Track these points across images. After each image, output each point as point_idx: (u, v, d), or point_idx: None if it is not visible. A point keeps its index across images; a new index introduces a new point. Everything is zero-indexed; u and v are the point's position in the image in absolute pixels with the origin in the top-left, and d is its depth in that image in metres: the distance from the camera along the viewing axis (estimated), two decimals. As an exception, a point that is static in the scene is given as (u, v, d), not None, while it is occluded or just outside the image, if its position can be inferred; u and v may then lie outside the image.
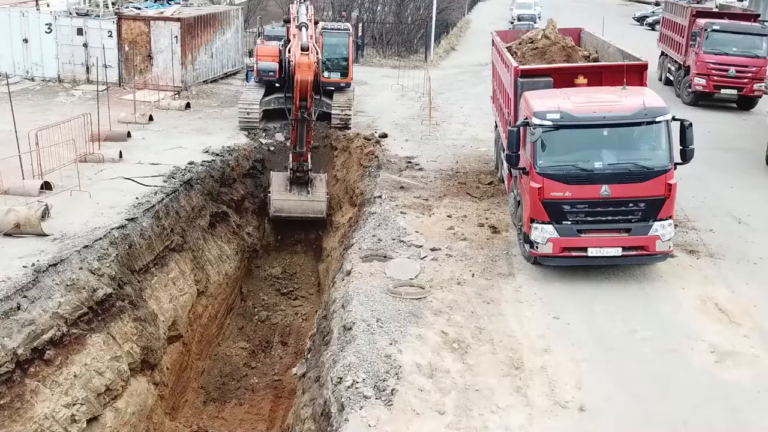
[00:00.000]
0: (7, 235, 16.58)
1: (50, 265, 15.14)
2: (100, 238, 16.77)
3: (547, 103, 15.57)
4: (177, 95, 32.22)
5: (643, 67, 17.59)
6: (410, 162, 24.39)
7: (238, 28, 37.60)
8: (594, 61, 21.28)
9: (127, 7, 34.31)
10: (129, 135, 25.52)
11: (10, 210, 16.68)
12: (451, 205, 20.39)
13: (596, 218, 15.28)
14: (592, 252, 15.37)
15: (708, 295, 15.13)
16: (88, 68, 33.37)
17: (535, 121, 15.19)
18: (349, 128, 27.56)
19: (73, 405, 14.53)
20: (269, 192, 24.56)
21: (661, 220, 15.23)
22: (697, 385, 12.26)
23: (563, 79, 17.52)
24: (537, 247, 15.59)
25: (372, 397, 11.43)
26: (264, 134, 27.19)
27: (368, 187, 22.70)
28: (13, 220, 16.49)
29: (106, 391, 15.61)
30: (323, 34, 27.92)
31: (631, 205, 15.14)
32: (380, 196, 21.00)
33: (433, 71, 43.12)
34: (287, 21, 25.96)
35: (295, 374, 16.99)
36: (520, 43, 22.26)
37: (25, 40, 33.48)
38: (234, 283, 23.52)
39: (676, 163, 15.40)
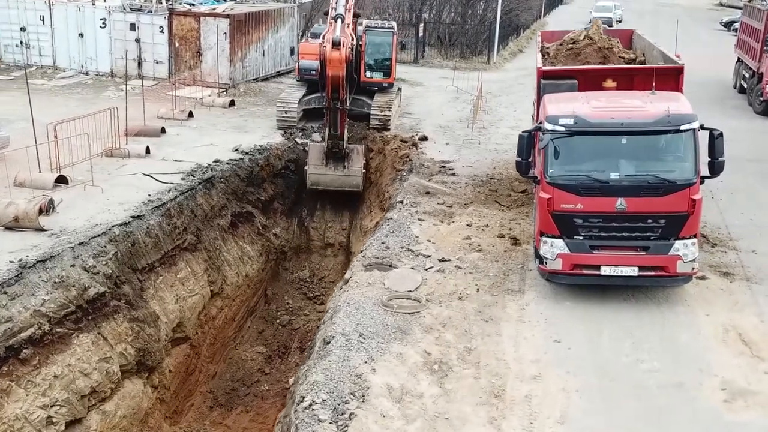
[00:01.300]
0: (8, 228, 16.34)
1: (38, 261, 14.77)
2: (98, 235, 16.35)
3: (562, 107, 14.35)
4: (224, 92, 31.96)
5: (679, 71, 16.13)
6: (444, 166, 23.32)
7: (293, 26, 37.14)
8: (640, 65, 19.85)
9: (180, 3, 34.25)
10: (163, 131, 25.27)
11: (10, 203, 16.46)
12: (475, 213, 19.27)
13: (611, 234, 13.96)
14: (605, 270, 14.06)
15: (733, 324, 13.64)
16: (139, 63, 33.51)
17: (547, 126, 14.00)
18: (389, 130, 26.65)
19: (51, 406, 14.07)
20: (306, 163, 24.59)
21: (683, 238, 13.80)
22: (698, 426, 10.89)
23: (590, 81, 16.25)
24: (546, 263, 14.38)
25: (327, 421, 10.52)
26: (301, 134, 26.51)
27: (396, 191, 21.77)
28: (12, 214, 16.24)
29: (91, 393, 15.14)
30: (367, 33, 27.08)
31: (649, 221, 13.76)
32: (401, 201, 20.05)
33: (494, 74, 41.94)
34: (327, 13, 25.21)
35: (292, 385, 16.21)
36: (561, 44, 20.98)
37: (81, 35, 33.87)
38: (257, 285, 22.92)
39: (703, 177, 13.96)
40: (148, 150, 22.66)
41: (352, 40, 25.10)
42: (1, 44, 35.13)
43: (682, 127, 13.52)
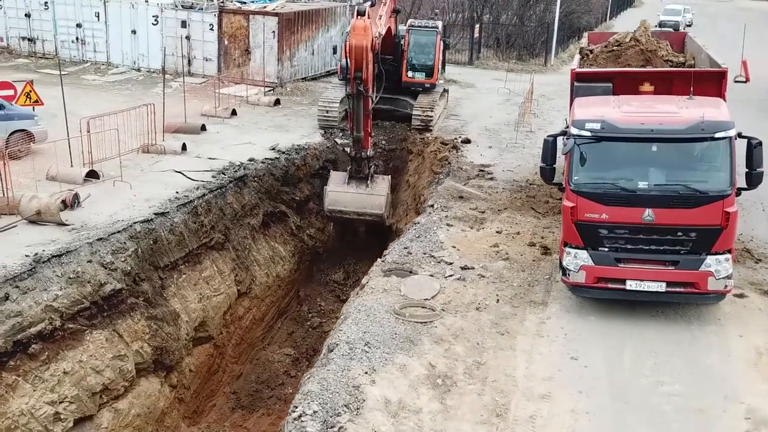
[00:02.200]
0: (32, 222, 16.37)
1: (53, 256, 14.71)
2: (118, 231, 16.25)
3: (591, 111, 13.61)
4: (271, 91, 31.85)
5: (721, 75, 15.20)
6: (483, 170, 22.65)
7: (344, 25, 36.77)
8: (689, 68, 18.88)
9: (231, 1, 34.32)
10: (203, 128, 25.24)
11: (33, 197, 16.48)
12: (507, 219, 18.59)
13: (638, 246, 13.15)
14: (631, 285, 13.25)
15: (768, 347, 12.71)
16: (189, 61, 33.67)
17: (573, 130, 13.28)
18: (431, 131, 26.08)
19: (60, 403, 14.01)
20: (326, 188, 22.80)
21: (716, 253, 12.90)
22: (714, 459, 10.09)
23: (627, 85, 15.45)
24: (569, 275, 13.65)
25: (314, 433, 10.07)
26: (341, 134, 26.15)
27: (431, 195, 21.22)
28: (35, 208, 16.25)
29: (104, 391, 15.04)
30: (410, 32, 26.58)
31: (679, 234, 12.91)
32: (432, 205, 19.50)
33: (550, 76, 40.90)
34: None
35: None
36: (605, 46, 20.11)
37: (134, 32, 34.24)
38: (288, 286, 22.66)
39: (740, 189, 13.05)
40: (184, 147, 22.62)
41: (391, 34, 24.58)
42: (59, 40, 35.72)
43: (717, 135, 12.64)
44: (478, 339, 12.89)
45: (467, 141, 25.92)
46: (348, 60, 19.60)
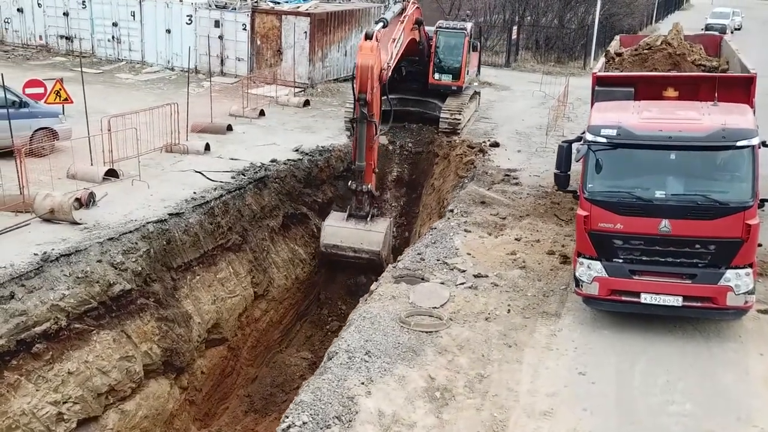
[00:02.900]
0: (46, 220, 16.38)
1: (62, 255, 14.66)
2: (130, 231, 16.16)
3: (609, 116, 13.09)
4: (302, 92, 31.71)
5: (749, 81, 14.53)
6: (509, 175, 22.16)
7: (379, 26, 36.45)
8: (715, 73, 18.21)
9: (264, 1, 34.26)
10: (230, 128, 25.17)
11: (47, 195, 16.48)
12: (528, 226, 18.11)
13: (653, 258, 12.61)
14: (645, 298, 12.71)
15: (789, 368, 12.07)
16: (222, 60, 33.71)
17: (588, 136, 12.79)
18: (458, 134, 25.65)
19: (63, 403, 13.94)
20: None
21: (736, 267, 12.30)
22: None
23: (650, 90, 14.85)
24: (582, 286, 13.15)
25: (301, 446, 9.77)
26: (367, 134, 25.82)
27: (453, 199, 20.81)
28: (49, 206, 16.25)
29: (110, 392, 14.97)
30: (438, 33, 26.17)
31: (697, 246, 12.33)
32: (452, 210, 19.10)
33: (588, 79, 40.02)
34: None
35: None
36: (635, 49, 19.46)
37: (168, 31, 34.40)
38: (308, 288, 22.43)
39: (763, 200, 12.45)
40: (207, 147, 22.55)
41: (414, 42, 24.12)
42: (95, 39, 36.08)
43: (738, 144, 12.04)
44: (484, 351, 12.48)
45: (496, 144, 25.44)
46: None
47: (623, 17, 45.94)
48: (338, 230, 20.81)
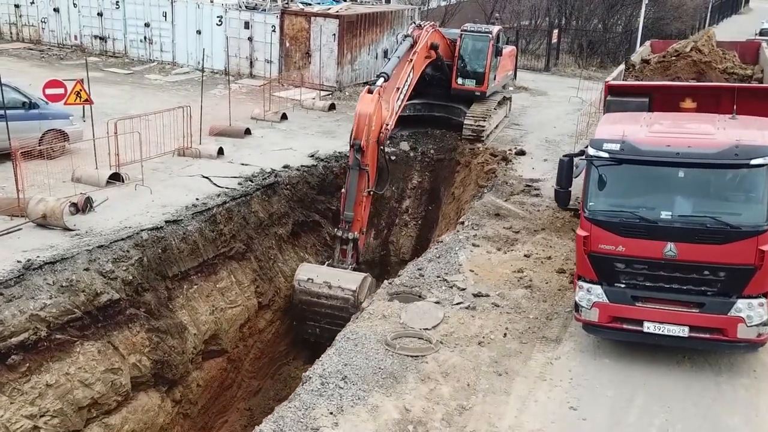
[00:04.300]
0: (40, 225, 16.01)
1: (46, 263, 14.21)
2: (123, 239, 15.67)
3: (615, 129, 12.12)
4: (329, 95, 31.08)
5: (769, 92, 13.42)
6: (530, 185, 21.18)
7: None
8: (758, 83, 17.06)
9: (294, 2, 33.75)
10: (248, 132, 24.66)
11: (41, 200, 16.11)
12: (541, 242, 17.17)
13: (658, 284, 11.61)
14: (649, 327, 11.72)
15: (804, 410, 10.96)
16: (251, 62, 33.31)
17: (590, 151, 11.86)
18: (482, 142, 24.69)
19: (40, 416, 13.46)
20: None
21: (748, 297, 11.23)
22: None
23: (667, 100, 13.84)
24: (581, 312, 12.21)
25: (249, 482, 9.05)
26: (388, 141, 25.03)
27: (468, 210, 19.94)
28: (41, 211, 15.88)
29: (93, 405, 14.45)
30: (462, 36, 25.26)
31: (706, 272, 11.30)
32: (463, 223, 18.24)
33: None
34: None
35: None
36: (663, 56, 18.37)
37: (199, 32, 34.11)
38: (318, 299, 21.71)
39: (779, 224, 11.34)
40: (221, 151, 22.06)
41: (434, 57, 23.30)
42: (128, 39, 36.01)
43: (753, 162, 10.96)
44: (471, 379, 11.63)
45: (521, 153, 24.45)
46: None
47: (671, 21, 44.28)
48: (314, 268, 19.10)
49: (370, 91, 18.95)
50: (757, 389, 11.50)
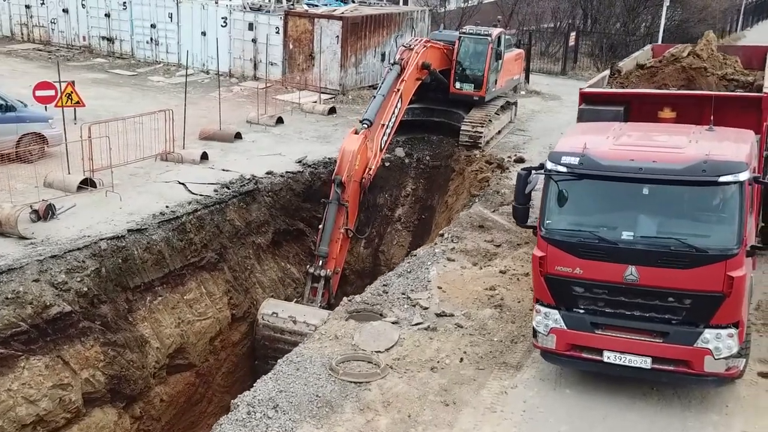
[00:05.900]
0: (0, 233, 15.50)
1: (-10, 274, 13.66)
2: (79, 249, 15.07)
3: (577, 141, 11.17)
4: (331, 98, 30.36)
5: (757, 101, 12.33)
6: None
7: (423, 30, 34.83)
8: (758, 90, 15.92)
9: (300, 4, 33.10)
10: (238, 136, 24.03)
11: (-3, 207, 15.59)
12: (522, 256, 16.23)
13: (618, 311, 10.64)
14: (608, 357, 10.76)
15: (776, 452, 9.93)
16: (255, 64, 32.71)
17: (548, 164, 10.93)
18: (479, 148, 23.74)
19: (-24, 435, 12.93)
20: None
21: (716, 327, 10.22)
22: None
23: (644, 110, 12.86)
24: (538, 338, 11.28)
25: None
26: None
27: (453, 221, 19.07)
28: (-4, 218, 15.35)
29: (38, 422, 13.86)
30: (461, 39, 24.34)
31: (670, 299, 10.31)
32: (442, 235, 17.36)
33: (650, 90, 37.44)
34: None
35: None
36: (660, 61, 17.30)
37: (203, 33, 33.62)
38: (301, 310, 20.96)
39: (754, 247, 10.31)
40: (205, 156, 21.42)
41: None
42: (134, 40, 35.67)
43: (721, 179, 9.94)
44: (414, 410, 10.77)
45: (520, 160, 23.42)
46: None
47: (696, 24, 42.76)
48: (280, 303, 18.12)
49: (356, 132, 18.70)
50: (727, 426, 10.48)
